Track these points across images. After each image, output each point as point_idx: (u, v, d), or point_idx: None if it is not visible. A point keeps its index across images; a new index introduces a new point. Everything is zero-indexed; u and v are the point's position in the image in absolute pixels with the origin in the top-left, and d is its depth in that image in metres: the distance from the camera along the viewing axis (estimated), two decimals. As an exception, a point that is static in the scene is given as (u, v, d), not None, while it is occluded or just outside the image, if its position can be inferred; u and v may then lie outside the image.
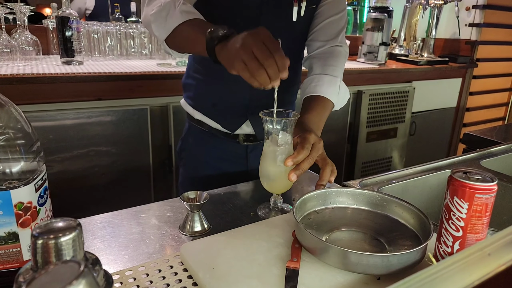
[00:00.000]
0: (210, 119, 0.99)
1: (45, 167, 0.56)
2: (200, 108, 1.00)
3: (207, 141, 1.02)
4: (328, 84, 0.90)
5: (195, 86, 1.00)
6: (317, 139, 0.75)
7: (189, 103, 1.02)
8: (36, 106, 1.38)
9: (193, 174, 1.05)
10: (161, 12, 0.77)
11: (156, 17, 0.78)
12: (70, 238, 0.33)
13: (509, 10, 2.82)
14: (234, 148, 1.01)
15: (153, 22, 0.79)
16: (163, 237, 0.67)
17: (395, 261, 0.51)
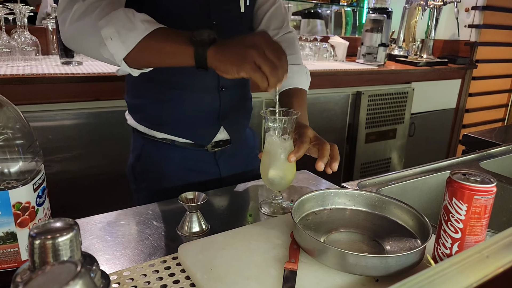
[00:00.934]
0: (176, 137, 0.90)
1: (43, 167, 0.56)
2: (162, 128, 0.90)
3: (171, 154, 0.92)
4: (298, 74, 0.95)
5: (149, 106, 0.89)
6: (313, 132, 0.77)
7: (145, 125, 0.91)
8: (35, 106, 1.38)
9: (160, 188, 0.93)
10: (115, 25, 0.65)
11: (111, 33, 0.65)
12: (67, 239, 0.33)
13: (508, 11, 2.82)
14: (203, 157, 0.94)
15: (107, 39, 0.65)
16: (161, 238, 0.67)
17: (393, 263, 0.51)
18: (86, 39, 0.68)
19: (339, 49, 2.41)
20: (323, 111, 2.05)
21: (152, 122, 0.90)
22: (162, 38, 0.66)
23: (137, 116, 0.92)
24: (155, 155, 0.93)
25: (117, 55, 0.67)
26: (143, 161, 0.94)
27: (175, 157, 0.92)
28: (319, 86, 2.01)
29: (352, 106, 2.17)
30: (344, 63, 2.39)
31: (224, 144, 0.95)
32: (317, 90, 2.00)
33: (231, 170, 0.98)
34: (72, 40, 0.71)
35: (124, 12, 0.67)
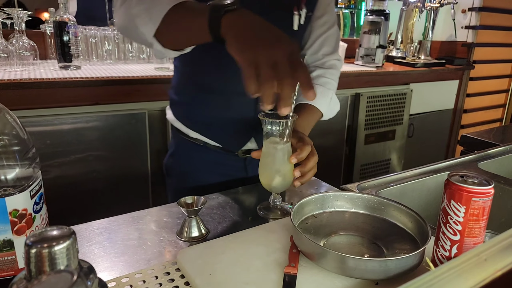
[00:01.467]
0: (208, 138, 0.92)
1: (40, 174, 0.55)
2: (196, 127, 0.92)
3: (201, 155, 0.94)
4: (320, 95, 0.91)
5: (186, 104, 0.92)
6: (310, 141, 0.76)
7: (182, 121, 0.93)
8: (34, 111, 1.38)
9: (186, 189, 0.96)
10: (143, 2, 0.65)
11: (140, 11, 0.65)
12: (64, 247, 0.33)
13: (504, 12, 2.84)
14: (232, 162, 0.95)
15: (137, 17, 0.65)
16: (160, 243, 0.66)
17: (393, 266, 0.51)
18: (126, 23, 0.69)
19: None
20: (321, 113, 2.05)
21: (187, 119, 0.92)
22: (184, 10, 0.64)
23: (176, 111, 0.94)
24: (187, 154, 0.95)
25: (147, 32, 0.66)
26: (176, 159, 0.97)
27: (205, 159, 0.94)
28: (317, 88, 2.01)
29: (351, 107, 2.17)
30: (343, 65, 2.39)
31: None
32: (316, 92, 2.00)
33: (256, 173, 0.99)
34: (119, 28, 0.72)
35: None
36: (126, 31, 0.72)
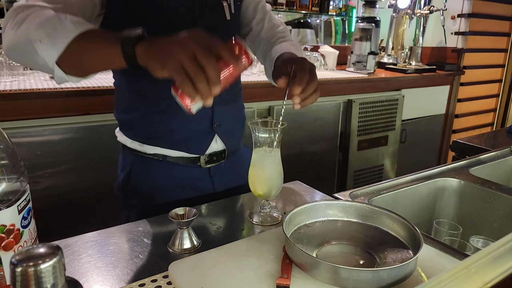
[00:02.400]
0: (169, 149, 0.88)
1: (28, 188, 0.55)
2: (154, 141, 0.88)
3: (164, 171, 0.90)
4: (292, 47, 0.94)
5: (140, 120, 0.87)
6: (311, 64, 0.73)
7: (137, 140, 0.89)
8: (24, 122, 1.36)
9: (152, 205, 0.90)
10: (45, 28, 0.61)
11: (41, 36, 0.61)
12: (50, 265, 0.32)
13: (493, 18, 2.88)
14: (197, 174, 0.91)
15: (36, 42, 0.61)
16: (152, 255, 0.66)
17: (385, 276, 0.51)
18: (21, 46, 0.65)
19: (329, 58, 2.44)
20: (315, 119, 2.06)
21: (143, 136, 0.88)
22: (92, 38, 0.63)
23: (129, 132, 0.90)
24: (146, 173, 0.90)
25: (49, 59, 0.63)
26: (134, 179, 0.91)
27: (167, 174, 0.90)
28: (310, 95, 2.02)
29: (344, 114, 2.18)
30: (335, 71, 2.41)
31: (218, 159, 0.94)
32: (308, 99, 2.01)
33: (225, 186, 0.97)
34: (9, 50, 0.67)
35: (57, 15, 0.63)
36: (18, 55, 0.67)
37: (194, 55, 0.54)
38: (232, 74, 0.61)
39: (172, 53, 0.54)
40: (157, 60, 0.56)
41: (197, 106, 0.61)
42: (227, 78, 0.61)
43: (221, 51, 0.56)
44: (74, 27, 0.62)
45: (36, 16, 0.63)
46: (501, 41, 3.07)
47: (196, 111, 0.62)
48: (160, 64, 0.55)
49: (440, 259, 0.62)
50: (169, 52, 0.55)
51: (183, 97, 0.58)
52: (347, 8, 3.00)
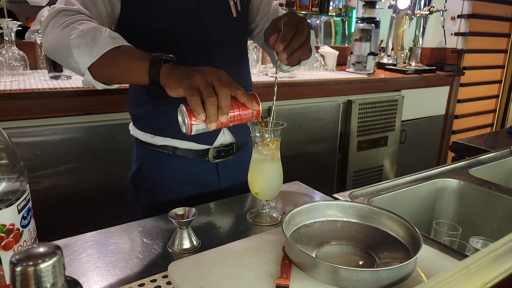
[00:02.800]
0: (179, 140, 0.90)
1: (28, 187, 0.55)
2: (164, 132, 0.91)
3: (172, 165, 0.93)
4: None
5: (151, 112, 0.91)
6: (301, 17, 0.70)
7: (148, 131, 0.92)
8: (24, 122, 1.36)
9: (158, 202, 0.94)
10: (85, 37, 0.68)
11: (79, 42, 0.68)
12: (49, 265, 0.32)
13: (493, 18, 2.89)
14: (204, 168, 0.94)
15: (75, 47, 0.68)
16: (151, 255, 0.66)
17: (385, 276, 0.51)
18: (60, 47, 0.71)
19: (329, 58, 2.44)
20: (314, 120, 2.06)
21: (154, 128, 0.92)
22: (124, 53, 0.69)
23: (140, 125, 0.94)
24: (156, 166, 0.94)
25: (82, 64, 0.69)
26: (144, 172, 0.95)
27: (175, 168, 0.93)
28: (310, 95, 2.02)
29: (343, 114, 2.18)
30: (334, 72, 2.41)
31: (226, 154, 0.95)
32: (308, 100, 2.01)
33: (231, 182, 0.98)
34: (49, 47, 0.74)
35: (98, 27, 0.71)
36: (56, 54, 0.74)
37: (212, 82, 0.59)
38: (240, 115, 0.64)
39: (191, 76, 0.59)
40: (175, 79, 0.61)
41: (199, 127, 0.62)
42: (234, 117, 0.64)
43: (237, 89, 0.61)
44: (111, 41, 0.69)
45: (80, 23, 0.71)
46: (501, 42, 3.07)
47: (196, 133, 0.63)
48: (177, 83, 0.60)
49: (439, 259, 0.62)
50: (189, 75, 0.60)
51: (190, 113, 0.60)
52: (347, 8, 3.00)
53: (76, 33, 0.69)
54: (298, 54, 0.68)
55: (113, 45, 0.68)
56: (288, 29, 0.66)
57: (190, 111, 0.60)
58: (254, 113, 0.65)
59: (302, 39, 0.67)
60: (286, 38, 0.66)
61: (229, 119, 0.63)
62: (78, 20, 0.72)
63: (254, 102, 0.63)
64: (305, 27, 0.68)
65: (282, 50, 0.66)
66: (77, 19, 0.72)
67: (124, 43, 0.70)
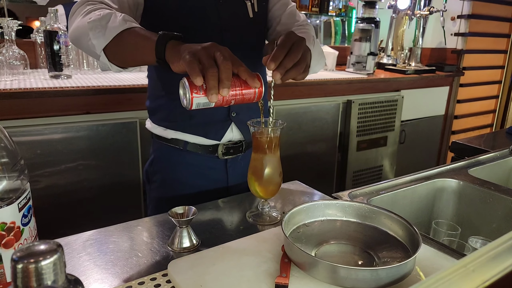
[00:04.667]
0: (189, 134, 0.94)
1: (29, 186, 0.55)
2: (176, 126, 0.94)
3: (182, 160, 0.96)
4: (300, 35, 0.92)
5: (165, 105, 0.95)
6: (299, 37, 0.69)
7: (162, 124, 0.96)
8: (24, 121, 1.37)
9: (169, 195, 0.98)
10: (101, 20, 0.73)
11: (95, 25, 0.73)
12: (50, 262, 0.32)
13: (492, 19, 2.89)
14: (213, 164, 0.97)
15: (91, 30, 0.73)
16: (151, 254, 0.66)
17: (384, 275, 0.51)
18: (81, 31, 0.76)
19: (329, 58, 2.44)
20: (314, 120, 2.06)
21: (167, 120, 0.95)
22: (136, 33, 0.72)
23: (155, 118, 0.98)
24: (167, 160, 0.97)
25: (98, 46, 0.73)
26: (156, 165, 0.99)
27: (185, 163, 0.96)
28: (309, 95, 2.02)
29: (343, 114, 2.19)
30: (334, 72, 2.41)
31: (235, 152, 0.97)
32: (308, 99, 2.02)
33: (239, 179, 1.00)
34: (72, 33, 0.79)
35: (114, 12, 0.75)
36: (77, 38, 0.78)
37: (214, 55, 0.59)
38: (242, 93, 0.64)
39: (194, 49, 0.60)
40: (178, 53, 0.61)
41: (200, 101, 0.62)
42: (236, 94, 0.63)
43: (240, 66, 0.61)
44: (124, 23, 0.72)
45: (99, 10, 0.76)
46: (501, 42, 3.07)
47: (196, 107, 0.62)
48: (179, 57, 0.61)
49: (438, 259, 0.63)
50: (192, 48, 0.60)
51: (192, 86, 0.60)
52: (346, 8, 3.00)
53: (93, 17, 0.73)
54: (292, 73, 0.67)
55: (126, 26, 0.71)
56: (281, 49, 0.66)
57: (191, 84, 0.60)
58: (256, 92, 0.65)
59: (295, 59, 0.66)
60: (277, 58, 0.65)
61: (230, 96, 0.62)
62: (99, 8, 0.76)
63: (256, 79, 0.63)
64: (300, 47, 0.67)
65: (275, 70, 0.65)
66: (98, 7, 0.77)
67: (136, 25, 0.73)
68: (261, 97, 0.67)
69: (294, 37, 0.68)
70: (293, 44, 0.67)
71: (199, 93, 0.60)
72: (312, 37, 0.92)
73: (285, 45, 0.66)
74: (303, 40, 0.69)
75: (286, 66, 0.66)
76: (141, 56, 0.72)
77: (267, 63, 0.65)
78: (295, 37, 0.69)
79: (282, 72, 0.66)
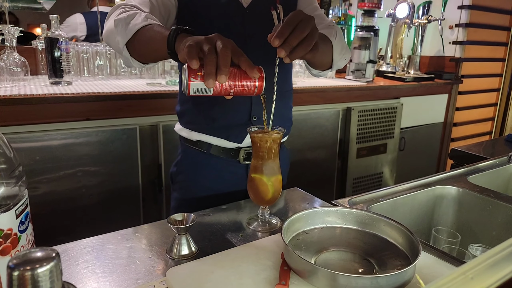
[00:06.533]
0: (212, 136, 0.98)
1: (27, 192, 0.54)
2: (199, 128, 0.99)
3: (205, 163, 1.00)
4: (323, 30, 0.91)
5: (191, 109, 0.99)
6: (307, 15, 0.66)
7: (188, 127, 1.01)
8: (23, 127, 1.37)
9: (189, 196, 1.02)
10: (126, 19, 0.79)
11: (120, 22, 0.79)
12: (47, 269, 0.32)
13: (490, 28, 2.91)
14: (234, 169, 1.00)
15: (116, 26, 0.79)
16: (150, 262, 0.65)
17: (383, 283, 0.51)
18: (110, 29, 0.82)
19: (328, 66, 2.45)
20: (314, 127, 2.06)
21: (192, 123, 1.00)
22: (153, 30, 0.76)
23: (182, 121, 1.03)
24: (191, 161, 1.02)
25: (121, 41, 0.79)
26: (180, 166, 1.04)
27: (208, 165, 1.00)
28: (309, 102, 2.03)
29: (343, 121, 2.19)
30: (334, 79, 2.42)
31: None
32: (308, 107, 2.02)
33: None
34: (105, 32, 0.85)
35: (138, 12, 0.80)
36: (108, 38, 0.84)
37: (215, 44, 0.60)
38: (242, 85, 0.63)
39: (197, 39, 0.61)
40: (184, 43, 0.63)
41: (197, 86, 0.62)
42: (235, 85, 0.63)
43: (241, 56, 0.62)
44: (145, 20, 0.78)
45: (127, 12, 0.81)
46: (499, 50, 3.09)
47: (193, 93, 0.62)
48: (183, 45, 0.62)
49: (438, 266, 0.62)
50: (196, 39, 0.62)
51: (190, 70, 0.61)
52: (346, 17, 3.02)
53: (120, 15, 0.80)
54: (298, 51, 0.64)
55: (145, 23, 0.77)
56: (286, 26, 0.63)
57: (190, 69, 0.60)
58: (257, 85, 0.64)
59: (301, 36, 0.64)
60: (282, 34, 0.62)
61: (229, 86, 0.62)
62: (130, 10, 0.82)
63: (256, 70, 0.62)
64: (307, 25, 0.64)
65: (280, 47, 0.63)
66: (129, 9, 0.83)
67: (154, 22, 0.78)
68: (261, 91, 0.65)
69: (301, 15, 0.65)
70: (300, 21, 0.64)
71: (197, 78, 0.60)
72: (334, 31, 0.92)
73: (291, 23, 0.64)
74: (311, 18, 0.66)
75: (292, 44, 0.63)
76: (156, 49, 0.75)
77: (271, 39, 0.63)
78: (303, 15, 0.66)
79: (287, 49, 0.63)
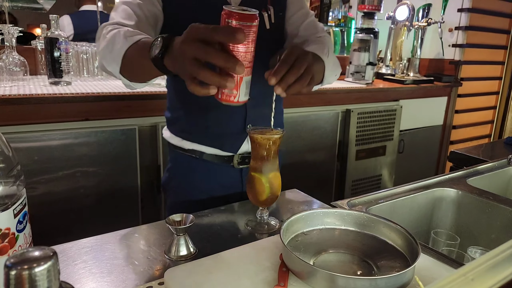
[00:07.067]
0: (205, 146, 0.95)
1: (25, 192, 0.54)
2: (192, 137, 0.96)
3: (199, 168, 0.97)
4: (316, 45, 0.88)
5: (182, 116, 0.96)
6: (303, 50, 0.66)
7: (179, 135, 0.97)
8: (22, 127, 1.36)
9: (183, 199, 1.00)
10: (108, 46, 0.72)
11: (104, 53, 0.73)
12: (44, 269, 0.32)
13: (490, 31, 2.92)
14: (228, 173, 0.98)
15: (103, 59, 0.73)
16: (148, 262, 0.65)
17: (382, 284, 0.51)
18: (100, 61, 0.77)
19: (328, 68, 2.45)
20: (313, 128, 2.06)
21: (184, 131, 0.97)
22: (135, 52, 0.70)
23: (172, 128, 0.99)
24: (184, 168, 0.99)
25: (114, 71, 0.74)
26: (172, 174, 1.01)
27: (202, 171, 0.97)
28: (309, 104, 2.03)
29: (342, 123, 2.19)
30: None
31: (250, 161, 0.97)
32: (307, 108, 2.02)
33: None
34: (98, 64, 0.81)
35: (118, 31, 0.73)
36: (102, 68, 0.78)
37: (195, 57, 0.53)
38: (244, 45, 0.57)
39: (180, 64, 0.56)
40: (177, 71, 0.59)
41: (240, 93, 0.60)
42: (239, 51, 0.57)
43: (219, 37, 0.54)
44: (126, 42, 0.70)
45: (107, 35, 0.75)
46: (498, 53, 3.10)
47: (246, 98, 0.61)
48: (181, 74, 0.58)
49: (437, 268, 0.62)
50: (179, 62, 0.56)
51: (217, 95, 0.59)
52: (346, 19, 3.03)
53: (102, 44, 0.74)
54: (295, 88, 0.65)
55: (127, 46, 0.70)
56: (283, 64, 0.63)
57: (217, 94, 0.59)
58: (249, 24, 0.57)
59: (298, 73, 0.64)
60: (279, 73, 0.63)
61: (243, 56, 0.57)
62: (110, 30, 0.75)
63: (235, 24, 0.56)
64: (303, 62, 0.65)
65: (277, 85, 0.63)
66: (109, 29, 0.76)
67: (136, 39, 0.70)
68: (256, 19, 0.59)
69: (297, 51, 0.66)
70: (297, 58, 0.65)
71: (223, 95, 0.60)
72: (326, 48, 0.89)
73: (288, 60, 0.64)
74: (307, 54, 0.67)
75: (288, 82, 0.63)
76: (150, 73, 0.70)
77: (268, 78, 0.63)
78: (299, 51, 0.66)
79: (284, 87, 0.63)
